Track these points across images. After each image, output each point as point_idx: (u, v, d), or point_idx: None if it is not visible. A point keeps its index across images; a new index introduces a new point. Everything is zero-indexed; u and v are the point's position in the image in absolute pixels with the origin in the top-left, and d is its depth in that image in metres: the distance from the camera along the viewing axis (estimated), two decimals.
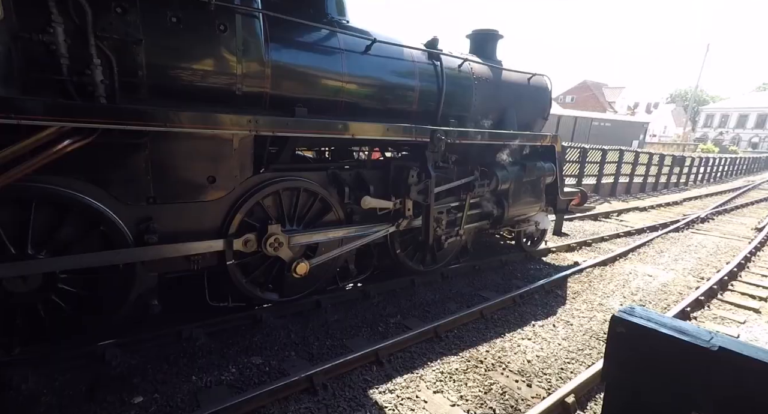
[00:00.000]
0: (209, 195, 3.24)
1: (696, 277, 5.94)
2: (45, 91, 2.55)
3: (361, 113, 4.02)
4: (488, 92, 5.09)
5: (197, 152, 3.10)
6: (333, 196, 4.00)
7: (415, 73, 4.37)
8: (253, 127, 3.12)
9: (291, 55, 3.53)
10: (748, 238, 8.66)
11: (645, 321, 1.18)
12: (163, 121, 2.72)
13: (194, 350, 3.32)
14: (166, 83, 2.95)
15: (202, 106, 3.08)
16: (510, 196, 5.33)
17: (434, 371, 3.28)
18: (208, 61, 3.07)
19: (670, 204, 13.02)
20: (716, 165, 23.61)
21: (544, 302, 4.76)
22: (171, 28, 2.86)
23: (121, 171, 2.87)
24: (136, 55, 2.77)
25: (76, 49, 2.54)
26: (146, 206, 3.00)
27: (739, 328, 4.39)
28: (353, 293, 4.52)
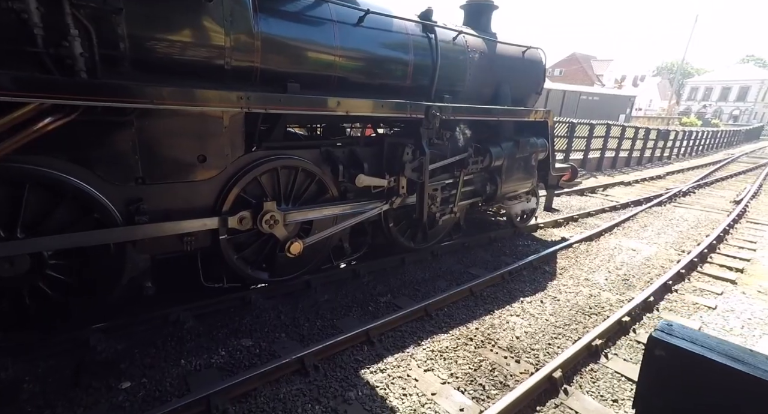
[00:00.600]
0: (200, 174, 3.15)
1: (677, 251, 6.10)
2: (19, 64, 2.35)
3: (354, 88, 3.88)
4: (483, 66, 4.93)
5: (186, 130, 2.99)
6: (326, 174, 3.92)
7: (409, 47, 4.18)
8: (244, 103, 2.99)
9: (281, 27, 3.32)
10: (726, 210, 8.89)
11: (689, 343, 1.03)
12: (149, 97, 2.57)
13: (182, 334, 3.27)
14: (149, 56, 2.77)
15: (189, 81, 2.93)
16: (503, 173, 5.30)
17: (425, 350, 3.32)
18: (194, 32, 2.88)
19: (653, 178, 13.23)
20: (698, 138, 23.97)
21: (533, 278, 4.82)
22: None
23: (107, 150, 2.74)
24: (117, 25, 2.57)
25: (50, 18, 2.32)
26: (135, 187, 2.89)
27: (717, 299, 4.55)
28: (343, 273, 4.49)
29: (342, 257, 4.53)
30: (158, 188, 2.99)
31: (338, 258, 4.51)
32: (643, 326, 3.91)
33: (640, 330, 3.84)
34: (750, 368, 0.96)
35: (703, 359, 0.97)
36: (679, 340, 1.06)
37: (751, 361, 0.99)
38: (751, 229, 7.60)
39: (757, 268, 5.60)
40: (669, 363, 1.05)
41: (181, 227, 3.08)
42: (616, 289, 4.68)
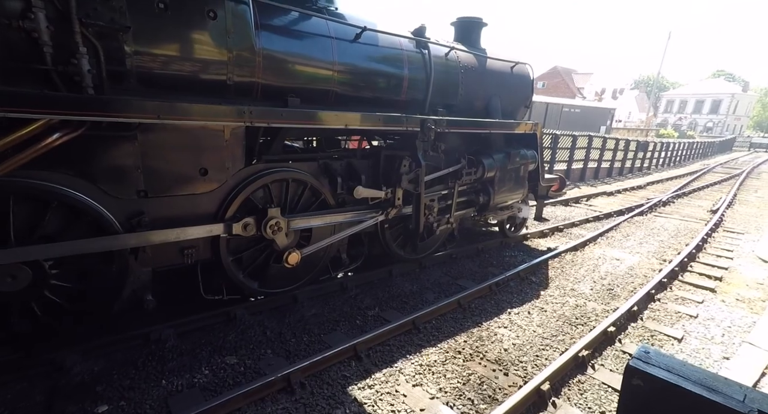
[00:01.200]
0: (201, 187, 3.19)
1: (659, 260, 6.23)
2: (28, 81, 2.39)
3: (351, 102, 3.97)
4: (474, 81, 5.09)
5: (188, 144, 3.03)
6: (324, 186, 4.00)
7: (404, 62, 4.30)
8: (247, 118, 3.02)
9: (282, 44, 3.40)
10: (704, 219, 9.17)
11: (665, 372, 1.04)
12: (156, 112, 2.59)
13: (164, 353, 3.17)
14: (154, 73, 2.83)
15: (193, 96, 2.97)
16: (495, 184, 5.44)
17: (413, 364, 3.28)
18: (198, 49, 2.94)
19: (634, 188, 13.58)
20: (675, 149, 24.80)
21: (520, 289, 4.85)
22: (158, 15, 2.72)
23: (110, 164, 2.77)
24: (123, 43, 2.63)
25: (59, 36, 2.38)
26: (137, 200, 2.93)
27: (698, 308, 4.65)
28: (330, 286, 4.44)
29: (340, 268, 4.56)
30: (160, 201, 3.03)
31: (336, 269, 4.56)
32: (628, 336, 3.96)
33: (626, 340, 3.89)
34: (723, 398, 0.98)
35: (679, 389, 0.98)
36: (656, 368, 1.07)
37: (725, 390, 1.01)
38: (728, 237, 7.84)
39: (735, 276, 5.76)
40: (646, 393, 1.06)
41: (187, 233, 3.11)
42: (601, 299, 4.74)
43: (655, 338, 3.94)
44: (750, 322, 4.38)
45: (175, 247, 3.19)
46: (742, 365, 3.51)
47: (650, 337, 3.96)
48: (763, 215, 10.26)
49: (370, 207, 4.31)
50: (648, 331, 4.06)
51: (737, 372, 3.40)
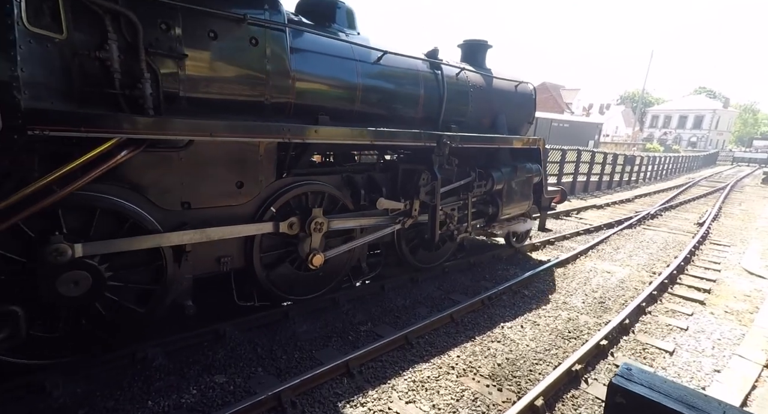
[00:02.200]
0: (237, 199, 3.47)
1: (649, 272, 6.30)
2: (98, 104, 2.66)
3: (372, 120, 4.23)
4: (482, 99, 5.43)
5: (227, 159, 3.32)
6: (347, 197, 4.29)
7: (419, 82, 4.63)
8: (287, 135, 3.28)
9: (312, 66, 3.72)
10: (691, 232, 9.32)
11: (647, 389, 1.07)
12: (208, 130, 2.87)
13: (150, 372, 3.08)
14: (202, 94, 3.09)
15: (234, 115, 3.20)
16: (503, 196, 5.73)
17: (406, 380, 3.24)
18: (241, 72, 3.22)
19: (623, 201, 13.80)
20: (661, 163, 25.36)
21: (512, 303, 4.85)
22: (209, 43, 3.02)
23: (159, 178, 3.04)
24: (179, 68, 2.91)
25: (127, 64, 2.68)
26: (181, 211, 3.18)
27: (688, 321, 4.69)
28: (322, 301, 4.40)
29: (360, 276, 4.83)
30: (201, 212, 3.28)
31: (356, 277, 4.81)
32: (620, 349, 3.97)
33: (618, 353, 3.89)
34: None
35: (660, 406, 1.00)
36: (638, 386, 1.09)
37: (704, 407, 1.04)
38: (715, 250, 7.97)
39: (723, 288, 5.84)
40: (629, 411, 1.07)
41: (239, 231, 3.43)
42: (593, 312, 4.76)
43: (647, 351, 3.95)
44: (739, 334, 4.42)
45: (213, 256, 3.46)
46: (732, 378, 3.53)
47: (642, 350, 3.97)
48: (748, 228, 10.48)
49: (390, 216, 4.59)
50: (640, 345, 4.07)
51: (728, 385, 3.41)
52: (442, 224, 5.14)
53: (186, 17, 2.88)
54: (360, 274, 4.78)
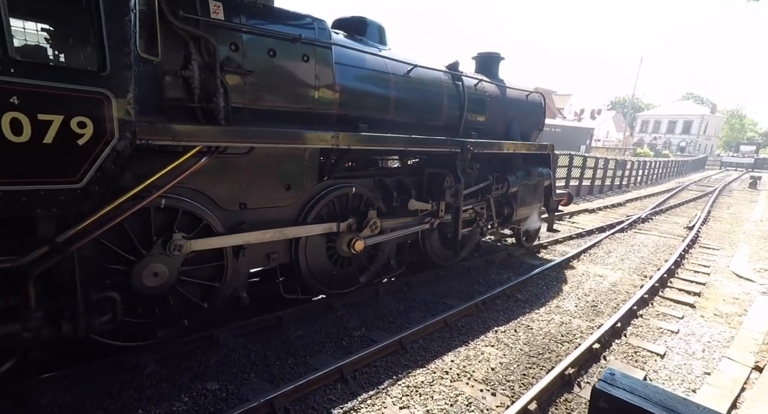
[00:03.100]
0: (285, 200, 3.87)
1: (640, 276, 6.37)
2: (179, 115, 3.02)
3: (402, 127, 4.60)
4: (497, 108, 5.89)
5: (278, 164, 3.71)
6: (379, 199, 4.70)
7: (443, 93, 5.04)
8: (335, 141, 3.68)
9: (354, 80, 4.11)
10: (681, 236, 9.46)
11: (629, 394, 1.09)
12: (269, 138, 3.27)
13: (142, 380, 3.05)
14: (262, 106, 3.48)
15: (285, 125, 3.57)
16: (518, 198, 6.19)
17: (400, 385, 3.24)
18: (294, 86, 3.62)
19: (615, 205, 13.96)
20: (652, 168, 25.72)
21: (506, 307, 4.88)
22: (269, 60, 3.41)
23: (223, 182, 3.40)
24: (244, 83, 3.29)
25: (205, 81, 3.07)
26: (239, 211, 3.57)
27: (679, 324, 4.75)
28: (316, 306, 4.38)
29: (389, 272, 5.23)
30: (255, 212, 3.66)
31: (386, 273, 5.20)
32: (613, 353, 4.00)
33: (611, 357, 3.92)
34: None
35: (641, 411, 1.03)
36: (621, 391, 1.12)
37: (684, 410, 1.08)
38: (704, 253, 8.09)
39: (712, 291, 5.92)
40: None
41: (310, 230, 4.00)
42: (585, 316, 4.80)
43: (639, 354, 3.99)
44: (728, 336, 4.48)
45: (264, 252, 3.84)
46: (722, 380, 3.58)
47: (634, 353, 4.01)
48: (736, 231, 10.65)
49: (421, 216, 5.07)
50: (632, 348, 4.11)
51: (718, 387, 3.46)
52: (470, 223, 5.66)
53: (251, 39, 3.28)
54: (389, 270, 5.17)
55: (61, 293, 2.66)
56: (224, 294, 3.62)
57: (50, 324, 2.60)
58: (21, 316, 2.48)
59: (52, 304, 2.63)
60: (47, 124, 2.24)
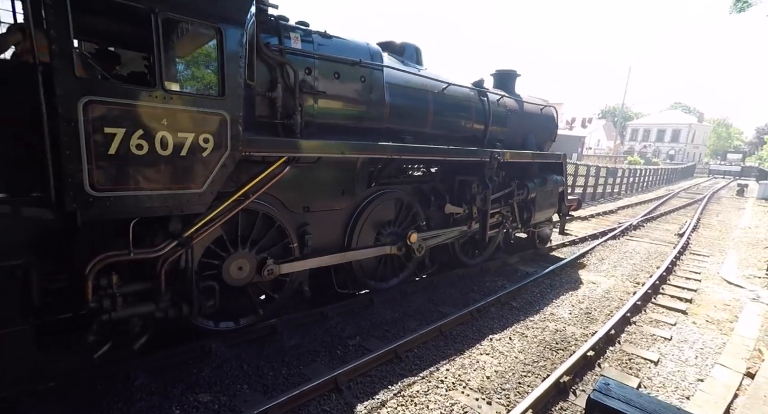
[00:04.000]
0: (340, 204, 4.36)
1: (633, 283, 6.42)
2: (264, 131, 3.55)
3: (437, 139, 5.11)
4: (516, 121, 6.47)
5: (336, 172, 4.19)
6: (415, 203, 5.24)
7: (472, 108, 5.62)
8: (390, 152, 4.24)
9: (400, 97, 4.63)
10: (672, 243, 9.57)
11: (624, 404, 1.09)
12: (340, 149, 3.81)
13: (132, 392, 2.99)
14: (326, 121, 4.00)
15: (346, 137, 4.10)
16: (536, 203, 6.67)
17: (395, 395, 3.21)
18: (354, 103, 4.19)
19: (606, 213, 14.10)
20: (642, 175, 26.09)
21: (501, 315, 4.88)
22: (334, 82, 3.98)
23: (291, 188, 3.86)
24: (314, 102, 3.86)
25: (286, 100, 3.61)
26: (303, 213, 4.09)
27: (671, 330, 4.78)
28: (311, 315, 4.35)
29: (424, 270, 5.74)
30: (316, 214, 4.18)
31: (421, 271, 5.70)
32: (607, 360, 4.01)
33: (605, 364, 3.93)
34: None
35: None
36: (615, 401, 1.12)
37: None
38: (695, 260, 8.19)
39: (703, 298, 5.98)
40: None
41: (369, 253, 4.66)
42: (580, 323, 4.81)
43: (633, 362, 4.01)
44: (720, 343, 4.52)
45: None
46: (715, 387, 3.60)
47: (628, 360, 4.02)
48: (725, 238, 10.81)
49: (461, 222, 5.66)
50: (626, 355, 4.12)
51: (711, 394, 3.48)
52: (498, 225, 6.20)
53: (321, 63, 3.85)
54: (424, 268, 5.71)
55: (178, 281, 3.19)
56: (291, 287, 4.13)
57: (174, 306, 3.16)
58: (154, 299, 3.04)
59: (176, 290, 3.16)
60: (184, 140, 2.81)
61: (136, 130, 2.58)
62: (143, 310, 2.97)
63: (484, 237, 5.77)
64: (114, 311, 2.80)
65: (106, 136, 2.48)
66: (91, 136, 2.43)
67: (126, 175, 2.60)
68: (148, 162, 2.66)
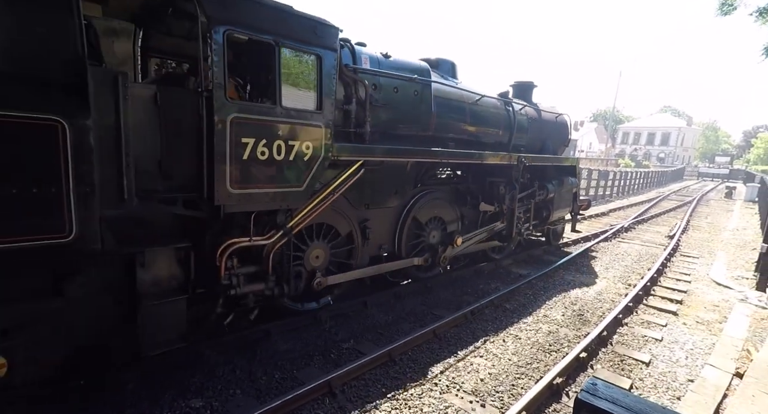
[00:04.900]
0: (392, 202, 4.97)
1: (624, 284, 6.49)
2: (339, 138, 3.96)
3: (471, 145, 5.83)
4: (535, 128, 7.23)
5: (391, 173, 4.75)
6: (453, 201, 5.92)
7: (499, 117, 6.35)
8: (440, 157, 4.94)
9: (444, 108, 5.25)
10: (663, 244, 9.69)
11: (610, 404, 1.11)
12: (404, 154, 4.57)
13: (122, 398, 2.94)
14: (388, 130, 4.61)
15: (401, 144, 4.70)
16: (554, 203, 7.35)
17: (389, 398, 3.20)
18: (407, 114, 4.80)
19: (598, 215, 14.24)
20: (633, 178, 26.42)
21: (494, 317, 4.89)
22: (394, 95, 4.59)
23: (356, 188, 4.27)
24: (380, 113, 4.45)
25: (358, 112, 4.21)
26: (365, 210, 4.65)
27: (662, 331, 4.83)
28: (304, 319, 4.33)
29: (457, 264, 6.37)
30: (374, 211, 4.77)
31: (455, 264, 6.32)
32: (599, 361, 4.04)
33: (597, 365, 3.96)
34: None
35: None
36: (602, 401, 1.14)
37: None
38: (685, 262, 8.30)
39: (693, 299, 6.06)
40: None
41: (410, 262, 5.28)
42: (572, 325, 4.84)
43: (625, 363, 4.04)
44: (710, 343, 4.58)
45: (377, 243, 4.95)
46: (705, 387, 3.64)
47: (620, 362, 4.06)
48: (714, 240, 10.98)
49: (492, 219, 6.40)
50: (618, 356, 4.16)
51: (701, 395, 3.52)
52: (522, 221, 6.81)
53: (385, 82, 4.49)
54: (457, 261, 6.28)
55: (278, 265, 3.78)
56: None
57: (278, 285, 3.77)
58: (264, 280, 3.67)
59: (278, 273, 3.76)
60: (292, 147, 3.43)
61: (261, 140, 3.23)
62: (257, 287, 3.63)
63: (510, 232, 6.45)
64: (239, 287, 3.47)
65: (242, 144, 3.13)
66: (234, 145, 3.07)
67: (252, 176, 3.24)
68: (267, 165, 3.31)
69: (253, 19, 3.09)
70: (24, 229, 2.21)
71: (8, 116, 2.09)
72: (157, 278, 2.98)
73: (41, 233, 2.27)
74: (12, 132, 2.12)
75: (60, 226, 2.31)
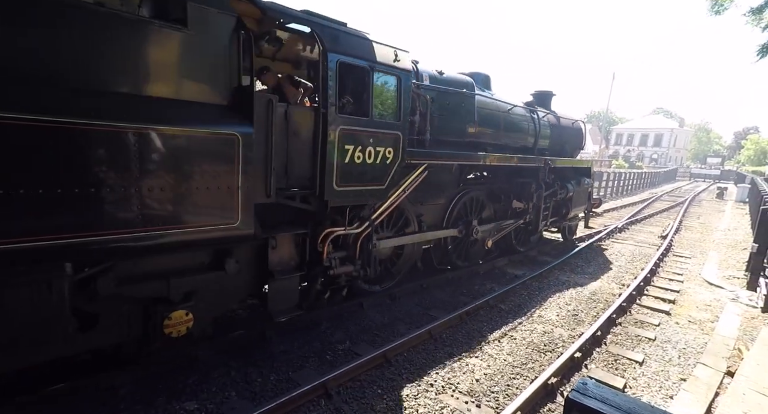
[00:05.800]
0: (440, 200, 5.79)
1: (618, 284, 6.55)
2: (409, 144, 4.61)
3: (504, 149, 6.57)
4: (555, 133, 8.06)
5: (440, 175, 5.47)
6: (488, 200, 6.72)
7: (527, 124, 7.19)
8: (483, 160, 5.74)
9: (484, 119, 6.04)
10: (656, 245, 9.78)
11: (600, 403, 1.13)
12: (462, 158, 5.50)
13: (116, 401, 2.92)
14: (439, 137, 5.27)
15: (451, 149, 5.46)
16: (573, 201, 8.16)
17: (384, 399, 3.20)
18: (456, 123, 5.57)
19: (593, 216, 14.33)
20: (626, 179, 26.63)
21: (490, 317, 4.92)
22: (446, 107, 5.34)
23: (416, 186, 4.87)
24: (434, 123, 5.11)
25: (421, 122, 4.95)
26: (420, 206, 5.41)
27: (655, 331, 4.88)
28: (300, 321, 4.31)
29: (488, 255, 7.03)
30: (427, 207, 5.55)
31: (485, 256, 6.95)
32: (594, 361, 4.08)
33: (592, 365, 3.99)
34: None
35: None
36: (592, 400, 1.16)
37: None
38: (678, 262, 8.39)
39: (686, 298, 6.13)
40: None
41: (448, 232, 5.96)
42: (567, 325, 4.88)
43: (619, 362, 4.08)
44: (702, 342, 4.63)
45: None
46: (697, 386, 3.68)
47: (614, 361, 4.09)
48: (706, 240, 11.10)
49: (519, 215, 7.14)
50: (612, 356, 4.19)
51: (693, 393, 3.56)
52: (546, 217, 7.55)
53: (439, 95, 5.21)
54: (488, 253, 6.93)
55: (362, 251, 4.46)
56: (410, 262, 5.52)
57: (363, 268, 4.50)
58: (353, 263, 4.42)
59: (362, 257, 4.47)
60: (379, 152, 4.16)
61: (357, 146, 3.94)
62: (348, 269, 4.36)
63: (537, 227, 7.31)
64: (336, 268, 4.22)
65: (345, 150, 3.83)
66: (340, 151, 3.78)
67: (350, 176, 3.94)
68: (361, 167, 4.03)
69: (355, 50, 3.87)
70: (210, 218, 2.87)
71: (199, 132, 2.76)
72: (282, 258, 3.79)
73: (220, 221, 2.93)
74: (206, 143, 2.80)
75: (233, 215, 2.98)
